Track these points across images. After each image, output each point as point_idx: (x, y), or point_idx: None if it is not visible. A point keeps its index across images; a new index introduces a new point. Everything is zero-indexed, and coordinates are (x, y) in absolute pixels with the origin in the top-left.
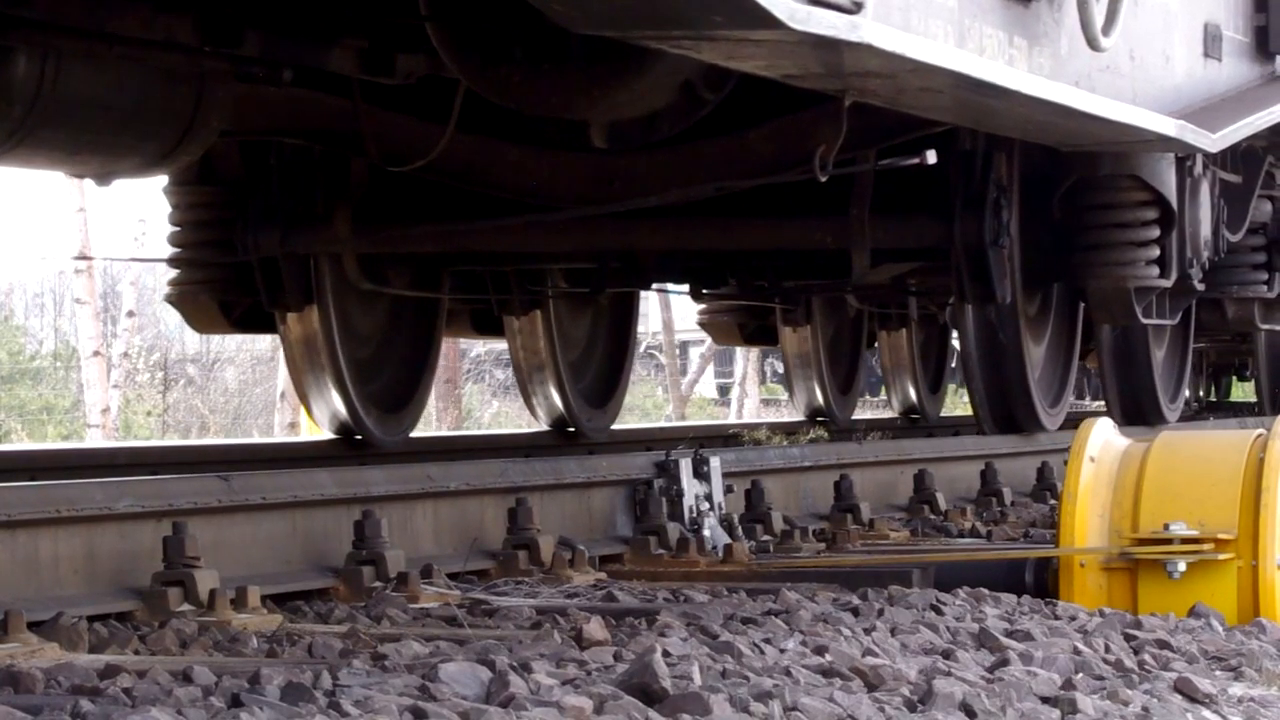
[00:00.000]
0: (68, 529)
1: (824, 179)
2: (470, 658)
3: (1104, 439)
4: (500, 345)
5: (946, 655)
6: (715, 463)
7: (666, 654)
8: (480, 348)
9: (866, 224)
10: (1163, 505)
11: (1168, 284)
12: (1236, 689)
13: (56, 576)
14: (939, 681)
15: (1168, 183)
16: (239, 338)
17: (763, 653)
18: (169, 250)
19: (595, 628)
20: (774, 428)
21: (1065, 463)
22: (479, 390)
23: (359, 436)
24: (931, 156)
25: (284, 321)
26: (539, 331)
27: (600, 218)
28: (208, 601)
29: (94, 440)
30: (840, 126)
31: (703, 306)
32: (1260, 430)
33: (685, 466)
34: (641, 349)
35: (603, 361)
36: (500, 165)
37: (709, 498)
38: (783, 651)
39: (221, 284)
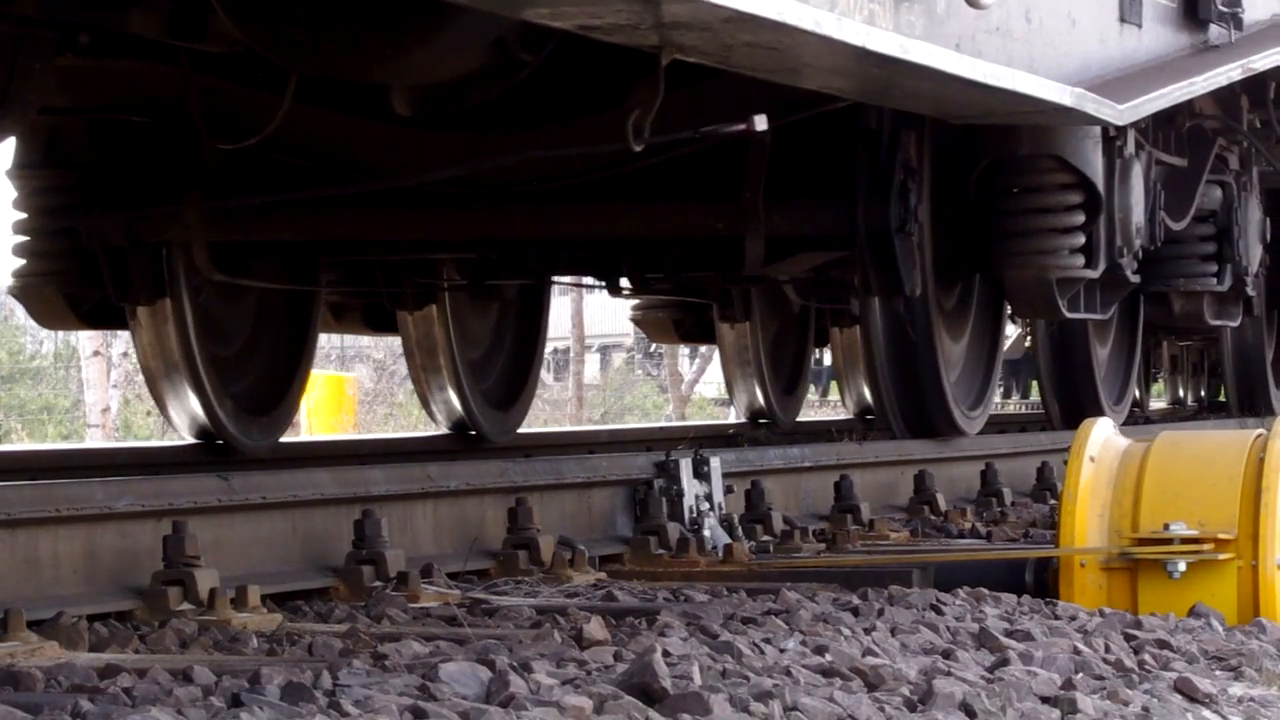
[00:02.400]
0: (68, 528)
1: (639, 148)
2: (470, 657)
3: (1104, 438)
4: None
5: (946, 655)
6: (715, 463)
7: (666, 654)
8: None
9: (760, 209)
10: (1163, 505)
11: (1094, 275)
12: (1236, 689)
13: (56, 575)
14: (939, 681)
15: (1093, 164)
16: None
17: (763, 652)
18: (13, 240)
19: (595, 627)
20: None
21: (1065, 463)
22: None
23: (220, 442)
24: (761, 123)
25: (134, 316)
26: (435, 327)
27: (474, 203)
28: (208, 601)
29: (94, 440)
30: (657, 89)
31: (636, 302)
32: (1260, 430)
33: (685, 466)
34: (652, 348)
35: (509, 360)
36: (360, 145)
37: (709, 498)
38: (783, 651)
39: (68, 276)
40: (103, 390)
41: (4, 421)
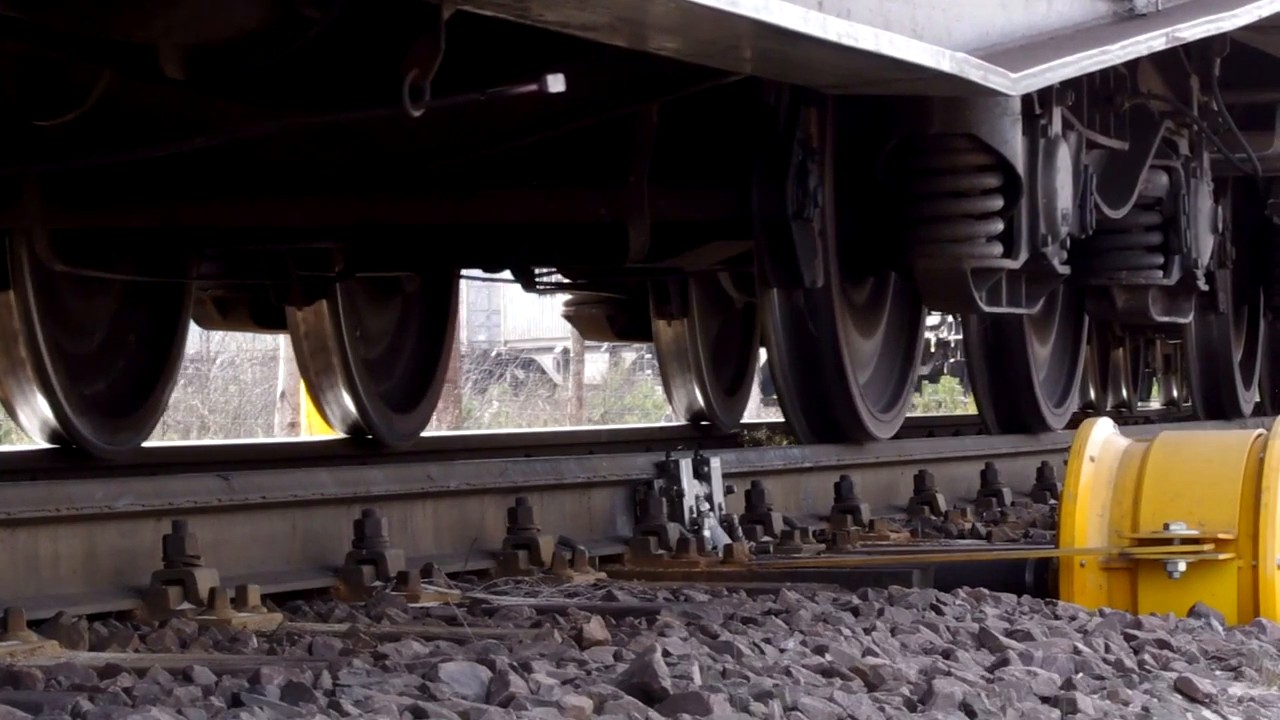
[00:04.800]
0: (68, 528)
1: (417, 114)
2: (470, 657)
3: (1104, 438)
4: (522, 343)
5: (946, 655)
6: (715, 463)
7: (666, 654)
8: (500, 346)
9: (645, 193)
10: (1163, 505)
11: (1014, 265)
12: (1236, 689)
13: (56, 575)
14: (939, 681)
15: (1012, 144)
16: (238, 337)
17: (763, 652)
18: None
19: (595, 627)
20: (774, 428)
21: (1065, 463)
22: (499, 389)
23: (75, 446)
24: (556, 83)
25: None
26: (325, 323)
27: (339, 188)
28: (208, 600)
29: None
30: (436, 47)
31: (568, 298)
32: (1260, 430)
33: (685, 467)
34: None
35: (411, 360)
36: (213, 122)
37: (709, 498)
38: (783, 651)
39: None
40: None
41: (4, 421)
